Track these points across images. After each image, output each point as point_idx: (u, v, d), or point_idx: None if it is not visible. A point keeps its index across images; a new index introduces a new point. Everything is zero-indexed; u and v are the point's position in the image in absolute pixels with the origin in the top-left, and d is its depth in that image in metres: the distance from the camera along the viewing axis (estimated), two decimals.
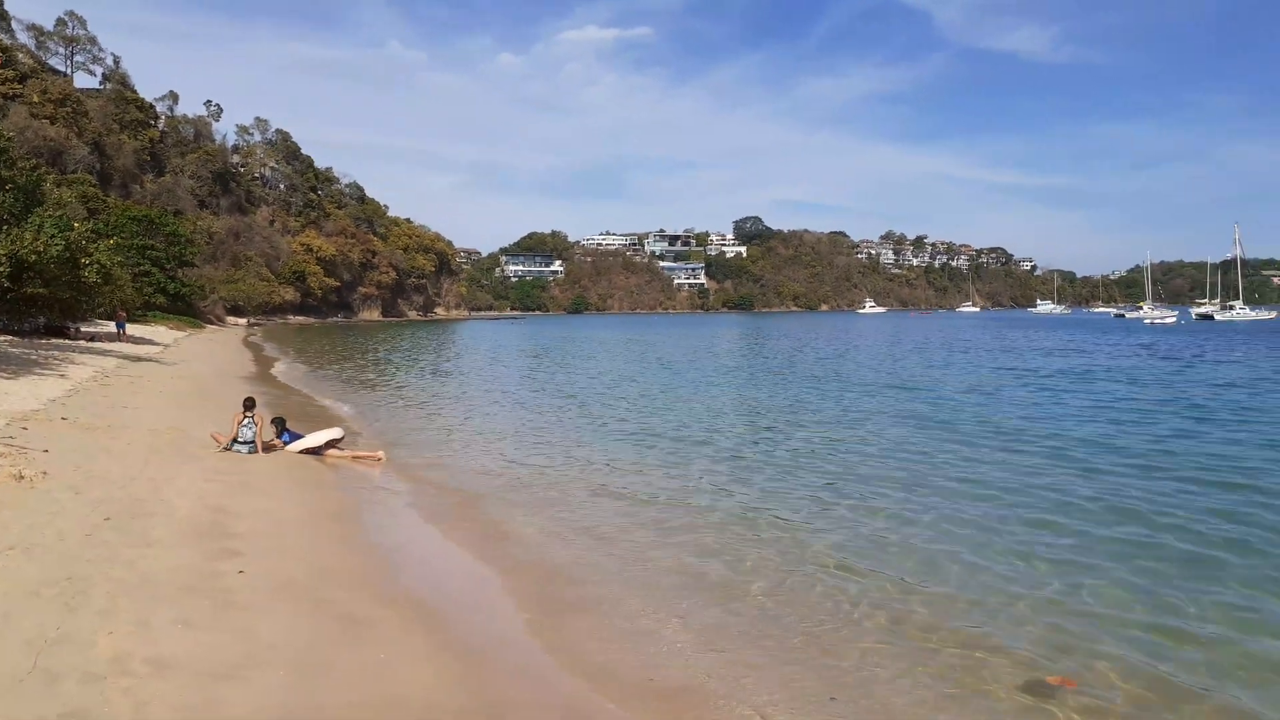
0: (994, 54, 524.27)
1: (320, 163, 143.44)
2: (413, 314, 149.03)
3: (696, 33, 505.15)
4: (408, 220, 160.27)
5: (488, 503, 11.71)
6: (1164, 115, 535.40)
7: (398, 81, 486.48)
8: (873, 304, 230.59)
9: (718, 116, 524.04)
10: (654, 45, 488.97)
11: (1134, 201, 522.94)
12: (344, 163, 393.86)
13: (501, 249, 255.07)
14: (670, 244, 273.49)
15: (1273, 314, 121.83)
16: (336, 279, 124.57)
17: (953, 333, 78.42)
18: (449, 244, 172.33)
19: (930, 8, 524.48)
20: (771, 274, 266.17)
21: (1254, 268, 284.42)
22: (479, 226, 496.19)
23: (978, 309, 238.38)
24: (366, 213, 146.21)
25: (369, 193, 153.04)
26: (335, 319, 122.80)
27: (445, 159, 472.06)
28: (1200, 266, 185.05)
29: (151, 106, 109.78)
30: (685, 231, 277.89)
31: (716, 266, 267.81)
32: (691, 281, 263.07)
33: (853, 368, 35.81)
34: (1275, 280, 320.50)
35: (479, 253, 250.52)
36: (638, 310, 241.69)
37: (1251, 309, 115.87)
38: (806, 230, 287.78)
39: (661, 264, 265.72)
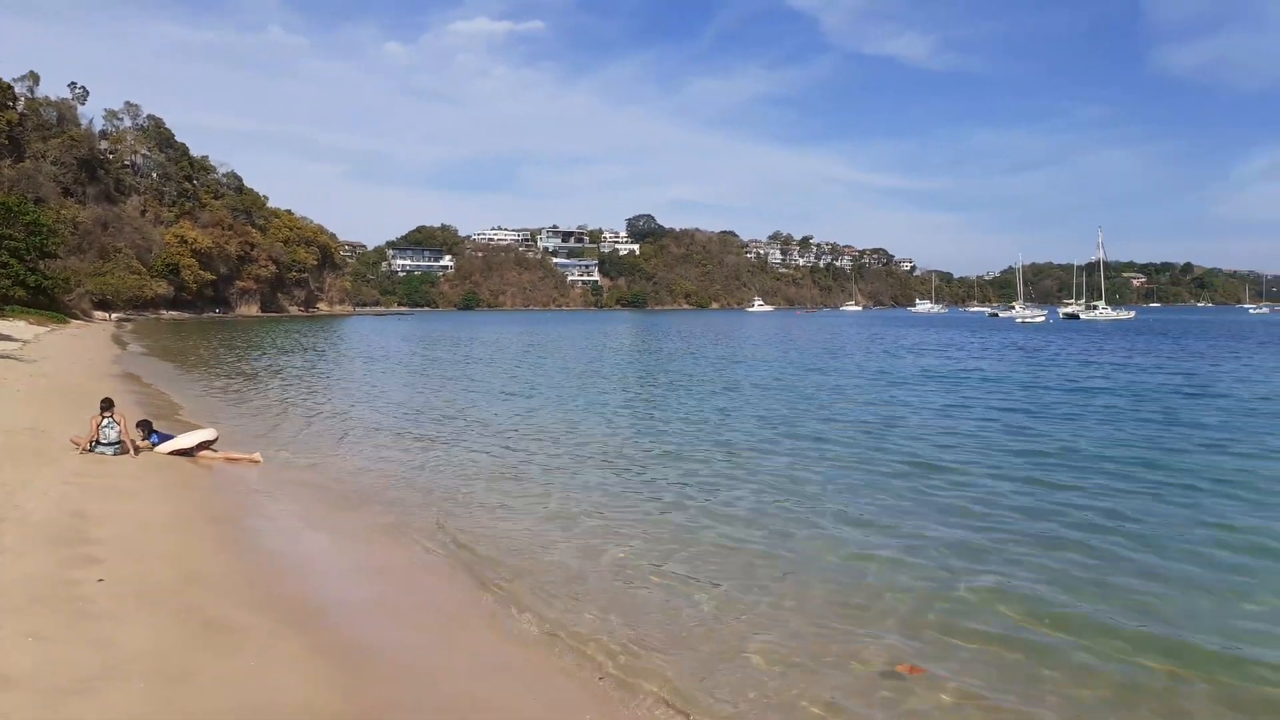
0: (877, 59, 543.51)
1: (196, 151, 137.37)
2: (294, 309, 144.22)
3: (588, 28, 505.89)
4: (289, 212, 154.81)
5: (367, 504, 11.42)
6: (1035, 123, 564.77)
7: (279, 68, 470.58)
8: (761, 303, 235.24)
9: (610, 113, 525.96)
10: (546, 39, 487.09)
11: (1007, 205, 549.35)
12: (222, 151, 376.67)
13: (388, 242, 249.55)
14: (564, 240, 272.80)
15: (1131, 314, 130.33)
16: (212, 272, 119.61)
17: (845, 331, 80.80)
18: (332, 237, 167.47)
19: (817, 12, 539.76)
20: (664, 272, 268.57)
21: (1115, 270, 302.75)
22: (365, 219, 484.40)
23: (860, 308, 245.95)
24: (245, 203, 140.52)
25: (248, 183, 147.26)
26: (211, 314, 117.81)
27: (329, 149, 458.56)
28: (1067, 268, 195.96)
29: (10, 87, 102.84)
30: (579, 228, 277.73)
31: (610, 264, 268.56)
32: (585, 279, 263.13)
33: (747, 371, 36.57)
34: (1135, 282, 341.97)
35: (364, 246, 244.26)
36: (531, 307, 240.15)
37: (1113, 309, 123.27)
38: (698, 229, 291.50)
39: (555, 260, 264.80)
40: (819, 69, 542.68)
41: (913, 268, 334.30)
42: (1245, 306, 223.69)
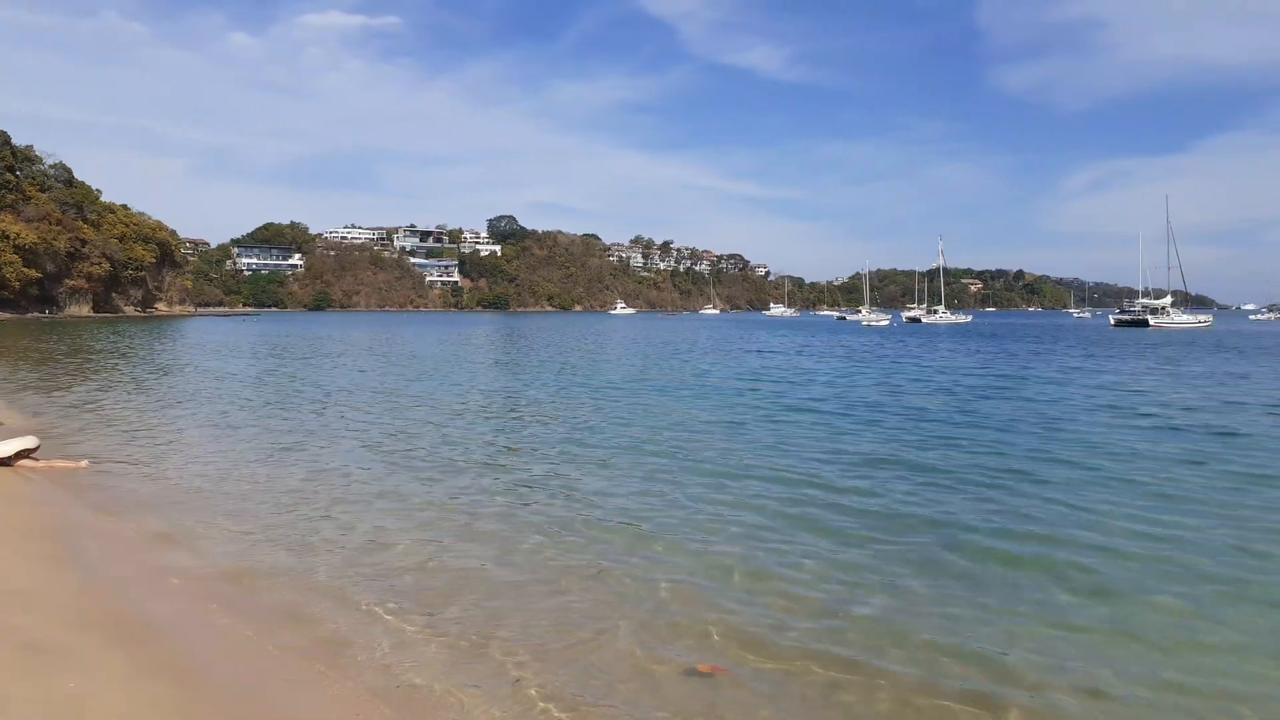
0: (734, 70, 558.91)
1: (19, 140, 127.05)
2: (130, 309, 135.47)
3: (447, 26, 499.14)
4: (124, 207, 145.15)
5: (199, 513, 10.85)
6: (880, 136, 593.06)
7: (115, 56, 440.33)
8: (623, 305, 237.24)
9: (470, 113, 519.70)
10: (403, 36, 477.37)
11: (855, 214, 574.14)
12: (48, 141, 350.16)
13: (233, 240, 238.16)
14: (422, 240, 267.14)
15: (969, 318, 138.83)
16: (38, 270, 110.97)
17: (702, 333, 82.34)
18: (172, 233, 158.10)
19: (675, 21, 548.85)
20: (526, 274, 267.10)
21: (955, 276, 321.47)
22: (210, 217, 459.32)
23: (718, 311, 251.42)
24: (75, 197, 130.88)
25: (80, 175, 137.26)
26: (36, 315, 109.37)
27: (170, 142, 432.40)
28: (910, 274, 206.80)
29: None
30: (438, 228, 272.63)
31: (471, 264, 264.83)
32: (445, 279, 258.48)
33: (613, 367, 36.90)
34: (972, 288, 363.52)
35: (208, 244, 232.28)
36: (386, 308, 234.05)
37: (952, 313, 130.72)
38: (560, 231, 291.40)
39: (413, 260, 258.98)
40: (678, 77, 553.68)
41: (767, 273, 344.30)
42: (1070, 311, 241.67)
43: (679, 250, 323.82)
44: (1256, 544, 9.13)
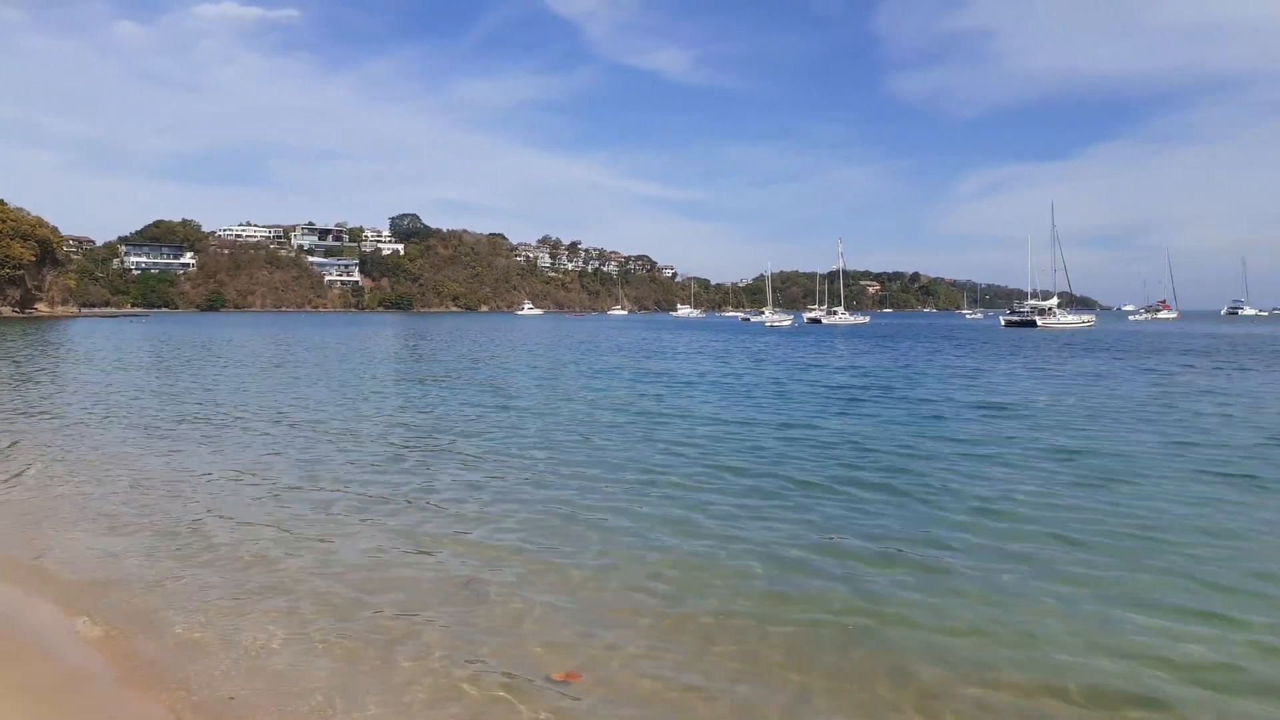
0: (639, 71, 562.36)
1: None
2: (7, 310, 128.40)
3: (347, 21, 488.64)
4: (1, 202, 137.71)
5: (61, 526, 10.21)
6: (781, 140, 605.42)
7: None
8: (531, 306, 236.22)
9: (371, 109, 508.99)
10: (301, 29, 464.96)
11: (758, 216, 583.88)
12: None
13: (121, 238, 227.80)
14: (321, 238, 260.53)
15: (867, 319, 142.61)
16: None
17: (611, 334, 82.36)
18: (54, 230, 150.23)
19: (581, 21, 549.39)
20: (431, 273, 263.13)
21: (854, 278, 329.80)
22: (94, 212, 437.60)
23: (626, 312, 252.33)
24: None
25: None
26: None
27: (51, 134, 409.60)
28: (812, 276, 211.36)
29: None
30: (338, 226, 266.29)
31: (372, 264, 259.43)
32: (345, 279, 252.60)
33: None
34: (870, 289, 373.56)
35: (93, 241, 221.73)
36: (284, 308, 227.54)
37: (851, 314, 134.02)
38: (466, 230, 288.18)
39: (311, 259, 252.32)
40: (584, 77, 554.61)
41: (674, 274, 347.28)
42: (963, 312, 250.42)
43: (587, 251, 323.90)
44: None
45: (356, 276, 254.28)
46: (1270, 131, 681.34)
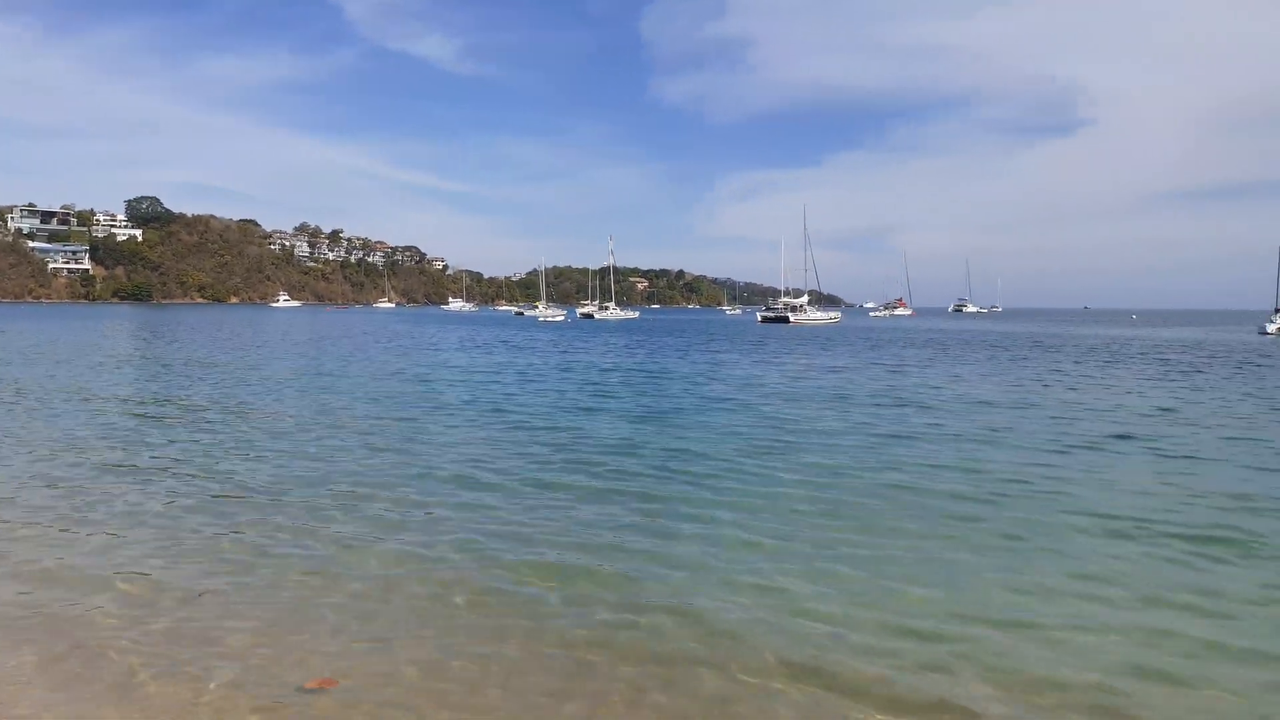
0: (405, 57, 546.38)
1: None
2: None
3: None
4: None
5: None
6: (551, 136, 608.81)
7: None
8: (287, 298, 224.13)
9: (102, 83, 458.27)
10: None
11: (531, 211, 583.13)
12: None
13: None
14: (43, 221, 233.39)
15: (636, 314, 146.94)
16: None
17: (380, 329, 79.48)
18: None
19: (341, 1, 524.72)
20: (173, 261, 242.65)
21: (624, 274, 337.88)
22: None
23: (393, 305, 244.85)
24: None
25: None
26: None
27: None
28: (584, 272, 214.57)
29: None
30: (63, 208, 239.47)
31: (105, 250, 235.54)
32: (72, 266, 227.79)
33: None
34: (639, 285, 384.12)
35: None
36: None
37: (621, 309, 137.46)
38: (214, 216, 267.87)
39: (31, 245, 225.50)
40: (345, 59, 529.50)
41: (445, 266, 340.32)
42: (724, 309, 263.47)
43: (350, 240, 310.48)
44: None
45: (86, 264, 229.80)
46: (990, 147, 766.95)
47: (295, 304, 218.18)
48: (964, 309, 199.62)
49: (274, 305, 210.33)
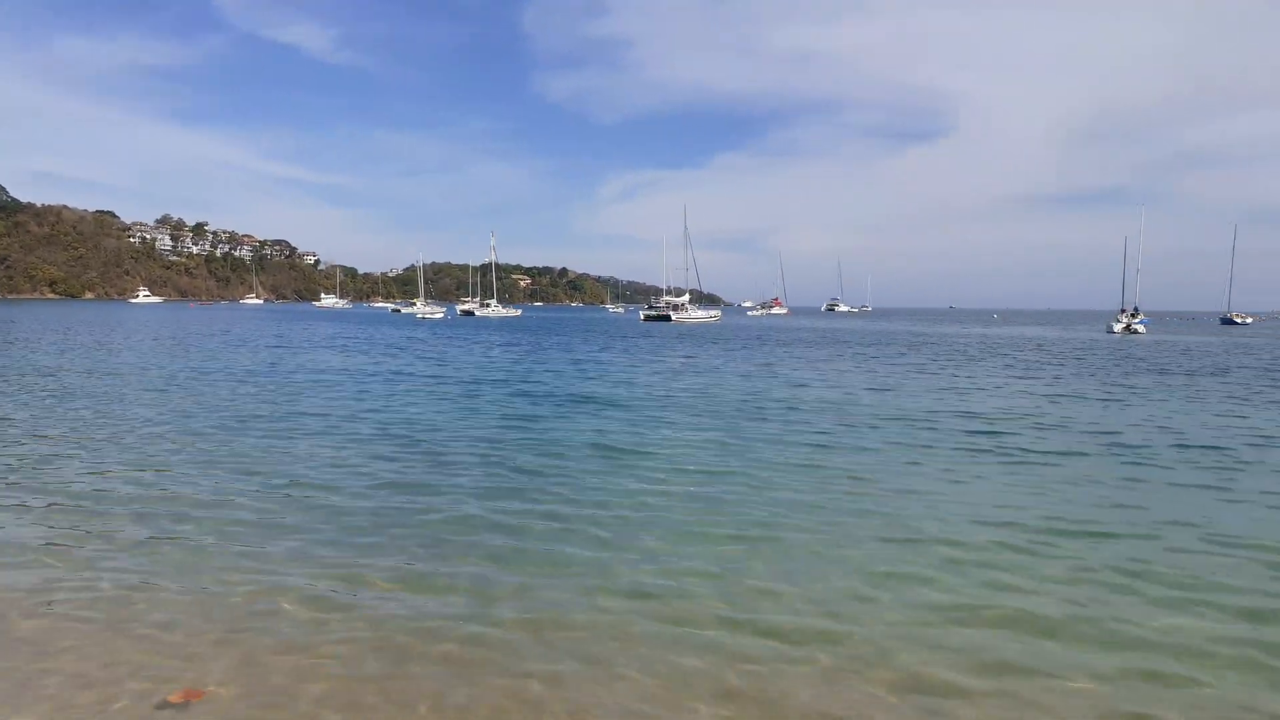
0: (276, 45, 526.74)
1: None
2: None
3: None
4: None
5: None
6: (430, 129, 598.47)
7: None
8: (147, 293, 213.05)
9: None
10: None
11: (410, 205, 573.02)
12: None
13: None
14: None
15: (518, 312, 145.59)
16: None
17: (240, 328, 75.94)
18: None
19: None
20: (21, 254, 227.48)
21: (506, 271, 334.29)
22: None
23: (261, 301, 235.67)
24: None
25: None
26: None
27: None
28: (465, 268, 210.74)
29: None
30: None
31: None
32: None
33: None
34: (522, 283, 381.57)
35: None
36: None
37: (503, 307, 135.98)
38: (66, 207, 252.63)
39: None
40: (212, 45, 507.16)
41: (318, 261, 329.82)
42: (607, 307, 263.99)
43: (216, 233, 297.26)
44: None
45: None
46: (861, 151, 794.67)
47: (156, 300, 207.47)
48: (836, 308, 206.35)
49: (133, 301, 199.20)
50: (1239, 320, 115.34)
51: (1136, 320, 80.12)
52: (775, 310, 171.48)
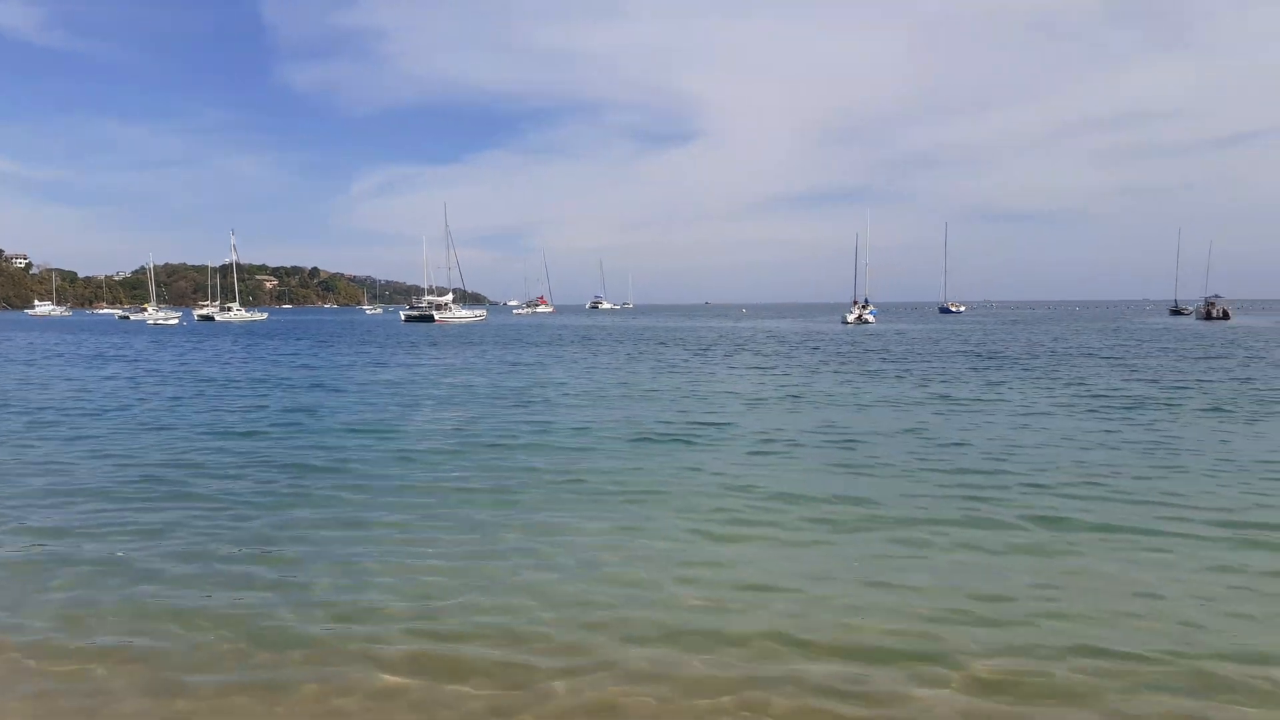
0: None
1: None
2: None
3: None
4: None
5: None
6: (162, 120, 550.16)
7: None
8: None
9: None
10: None
11: (138, 202, 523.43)
12: None
13: None
14: None
15: (265, 315, 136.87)
16: None
17: None
18: None
19: None
20: None
21: (250, 272, 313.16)
22: None
23: None
24: None
25: None
26: None
27: None
28: (202, 270, 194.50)
29: None
30: None
31: None
32: None
33: None
34: (268, 284, 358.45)
35: None
36: None
37: (247, 310, 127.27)
38: None
39: None
40: None
41: (29, 265, 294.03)
42: (364, 308, 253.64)
43: None
44: None
45: None
46: (620, 151, 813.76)
47: None
48: (600, 306, 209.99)
49: None
50: (954, 309, 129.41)
51: (867, 311, 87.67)
52: (541, 309, 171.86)
